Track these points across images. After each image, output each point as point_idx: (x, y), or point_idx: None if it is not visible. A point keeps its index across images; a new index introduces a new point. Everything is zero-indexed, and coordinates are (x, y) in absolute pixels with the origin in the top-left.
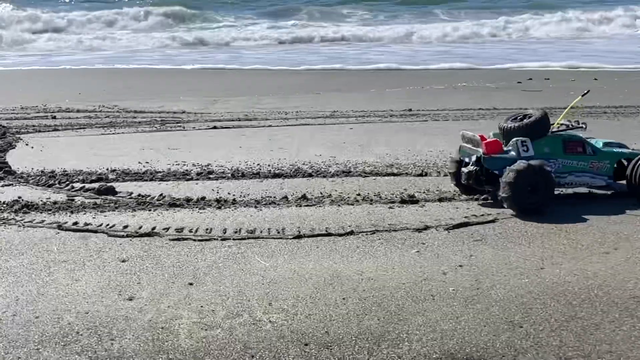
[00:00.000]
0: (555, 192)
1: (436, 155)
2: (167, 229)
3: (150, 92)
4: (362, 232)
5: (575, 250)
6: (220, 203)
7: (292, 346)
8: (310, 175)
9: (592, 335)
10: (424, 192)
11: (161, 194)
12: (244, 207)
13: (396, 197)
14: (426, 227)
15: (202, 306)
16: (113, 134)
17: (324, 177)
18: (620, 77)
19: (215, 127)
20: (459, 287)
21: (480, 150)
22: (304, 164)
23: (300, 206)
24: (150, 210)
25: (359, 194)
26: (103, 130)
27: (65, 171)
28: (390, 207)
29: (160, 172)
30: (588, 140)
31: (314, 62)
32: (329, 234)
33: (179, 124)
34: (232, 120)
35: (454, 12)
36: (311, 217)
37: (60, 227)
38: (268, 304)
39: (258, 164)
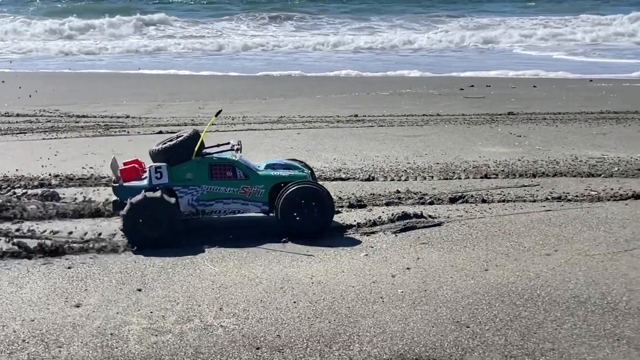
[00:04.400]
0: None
1: (382, 160)
2: (114, 235)
3: (93, 96)
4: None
5: (518, 252)
6: None
7: (244, 350)
8: None
9: (535, 334)
10: (370, 197)
11: (106, 200)
12: None
13: (344, 201)
14: (374, 231)
15: (151, 312)
16: (55, 138)
17: None
18: (558, 84)
19: (160, 132)
20: (407, 289)
21: (113, 178)
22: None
23: None
24: (95, 216)
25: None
26: (44, 135)
27: (6, 177)
28: (337, 212)
29: (104, 177)
30: (246, 162)
31: (261, 68)
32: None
33: (123, 129)
34: (178, 125)
35: (397, 20)
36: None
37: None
38: (219, 309)
39: None
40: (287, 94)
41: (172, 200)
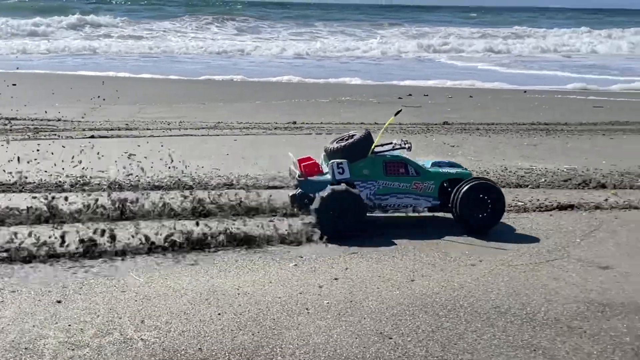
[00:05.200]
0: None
1: None
2: (41, 244)
3: (24, 98)
4: (240, 245)
5: (444, 263)
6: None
7: None
8: (190, 187)
9: (455, 345)
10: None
11: (31, 206)
12: (124, 220)
13: (279, 210)
14: (301, 241)
15: (69, 325)
16: None
17: (205, 189)
18: (494, 95)
19: (92, 137)
20: (333, 300)
21: (297, 172)
22: (185, 175)
23: (180, 218)
24: (19, 224)
25: (239, 206)
26: None
27: None
28: (270, 220)
29: (31, 183)
30: (414, 160)
31: (203, 71)
32: (208, 247)
33: (54, 133)
34: (112, 130)
35: (339, 27)
36: (190, 230)
37: None
38: (140, 322)
39: (137, 176)
40: (227, 98)
41: (359, 193)
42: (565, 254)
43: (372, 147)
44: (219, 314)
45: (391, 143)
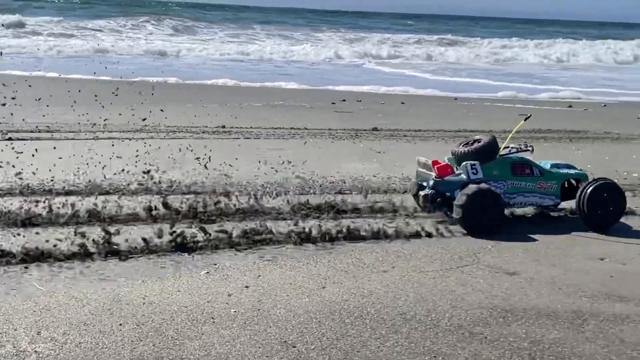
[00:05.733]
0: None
1: (241, 174)
2: None
3: None
4: (155, 252)
5: (357, 269)
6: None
7: None
8: (107, 192)
9: (358, 353)
10: (220, 211)
11: None
12: (31, 226)
13: (197, 216)
14: (218, 247)
15: None
16: None
17: (123, 194)
18: (426, 101)
19: (10, 139)
20: (240, 309)
21: (433, 174)
22: (103, 180)
23: (93, 224)
24: None
25: (157, 211)
26: None
27: None
28: (188, 227)
29: None
30: (535, 162)
31: (137, 72)
32: (119, 254)
33: None
34: (32, 132)
35: (277, 31)
36: (98, 237)
37: None
38: (36, 333)
39: (52, 179)
40: (158, 100)
41: (498, 191)
42: (476, 260)
43: (501, 149)
44: (120, 325)
45: (508, 147)
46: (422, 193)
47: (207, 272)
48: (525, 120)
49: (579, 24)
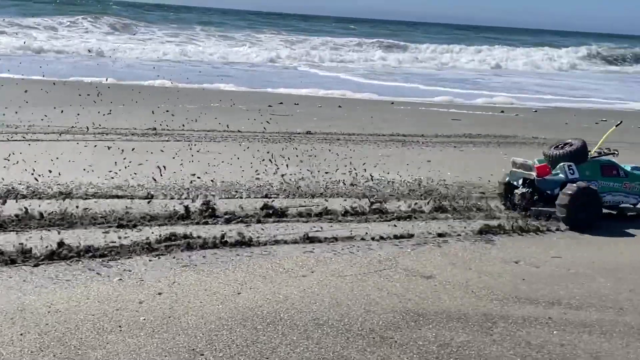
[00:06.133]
0: None
1: (168, 177)
2: None
3: None
4: (67, 259)
5: (276, 274)
6: None
7: None
8: (24, 196)
9: (267, 359)
10: (144, 216)
11: None
12: None
13: (114, 222)
14: (135, 252)
15: None
16: None
17: (40, 198)
18: (363, 105)
19: None
20: (150, 316)
21: (534, 174)
22: (20, 184)
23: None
24: None
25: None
26: None
27: None
28: (105, 232)
29: None
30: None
31: (71, 72)
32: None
33: None
34: None
35: (217, 32)
36: (8, 243)
37: None
38: None
39: None
40: (89, 102)
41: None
42: (394, 263)
43: (592, 152)
44: (22, 334)
45: (597, 151)
46: (519, 191)
47: (120, 279)
48: (616, 126)
49: (516, 31)
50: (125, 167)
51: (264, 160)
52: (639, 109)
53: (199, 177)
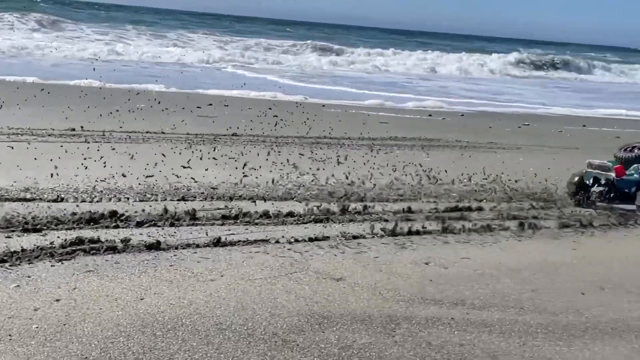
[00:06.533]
0: None
1: (81, 179)
2: None
3: None
4: None
5: (183, 279)
6: None
7: None
8: None
9: None
10: (50, 220)
11: None
12: None
13: (18, 226)
14: (37, 257)
15: None
16: None
17: None
18: (294, 108)
19: None
20: (44, 324)
21: (613, 175)
22: None
23: None
24: None
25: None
26: None
27: None
28: (8, 237)
29: None
30: None
31: None
32: None
33: None
34: None
35: (149, 32)
36: None
37: None
38: None
39: None
40: (11, 101)
41: None
42: (306, 266)
43: None
44: None
45: None
46: (596, 189)
47: (17, 286)
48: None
49: (449, 36)
50: (38, 168)
51: (185, 162)
52: (560, 114)
53: (114, 179)
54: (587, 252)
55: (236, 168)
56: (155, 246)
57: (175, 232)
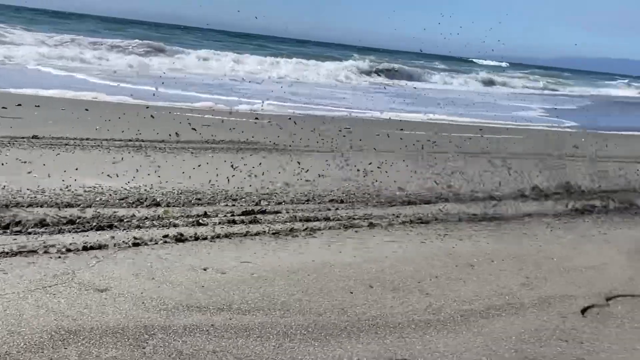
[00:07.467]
0: None
1: None
2: None
3: None
4: None
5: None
6: None
7: None
8: None
9: None
10: None
11: None
12: None
13: None
14: None
15: None
16: None
17: None
18: (114, 109)
19: None
20: None
21: None
22: None
23: None
24: None
25: None
26: None
27: None
28: None
29: None
30: None
31: None
32: None
33: None
34: None
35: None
36: None
37: None
38: None
39: None
40: None
41: None
42: (71, 277)
43: None
44: None
45: None
46: None
47: None
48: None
49: (287, 40)
50: None
51: None
52: (384, 118)
53: None
54: (365, 251)
55: (29, 172)
56: None
57: None
